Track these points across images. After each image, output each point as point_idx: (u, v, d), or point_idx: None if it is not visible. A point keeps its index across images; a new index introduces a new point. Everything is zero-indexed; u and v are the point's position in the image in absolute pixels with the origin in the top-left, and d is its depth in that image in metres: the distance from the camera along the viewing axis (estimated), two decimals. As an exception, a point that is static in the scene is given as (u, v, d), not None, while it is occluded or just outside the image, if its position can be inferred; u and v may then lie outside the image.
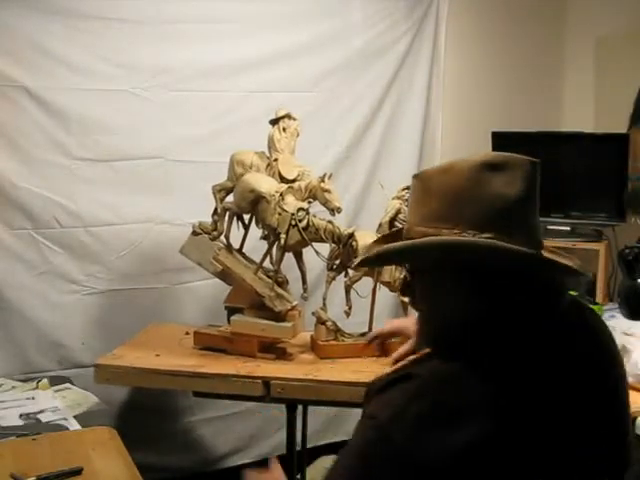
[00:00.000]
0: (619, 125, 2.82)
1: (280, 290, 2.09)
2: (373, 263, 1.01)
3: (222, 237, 2.14)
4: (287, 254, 2.05)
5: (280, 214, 1.98)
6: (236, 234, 2.17)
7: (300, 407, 2.15)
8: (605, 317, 2.27)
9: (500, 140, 2.90)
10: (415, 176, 1.08)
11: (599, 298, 2.72)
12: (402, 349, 1.83)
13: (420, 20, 2.97)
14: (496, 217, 1.00)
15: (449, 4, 3.01)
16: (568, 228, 2.88)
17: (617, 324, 2.03)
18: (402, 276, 1.90)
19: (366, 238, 1.98)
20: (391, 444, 0.96)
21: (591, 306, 1.27)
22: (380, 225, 2.02)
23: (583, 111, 3.26)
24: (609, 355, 1.14)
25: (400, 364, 1.27)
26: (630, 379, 1.88)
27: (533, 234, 1.04)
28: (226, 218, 2.12)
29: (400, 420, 0.96)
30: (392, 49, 2.93)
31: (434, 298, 1.08)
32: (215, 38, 2.62)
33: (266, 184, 2.02)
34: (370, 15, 2.88)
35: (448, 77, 3.07)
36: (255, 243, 2.18)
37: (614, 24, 3.13)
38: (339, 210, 2.00)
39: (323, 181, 2.00)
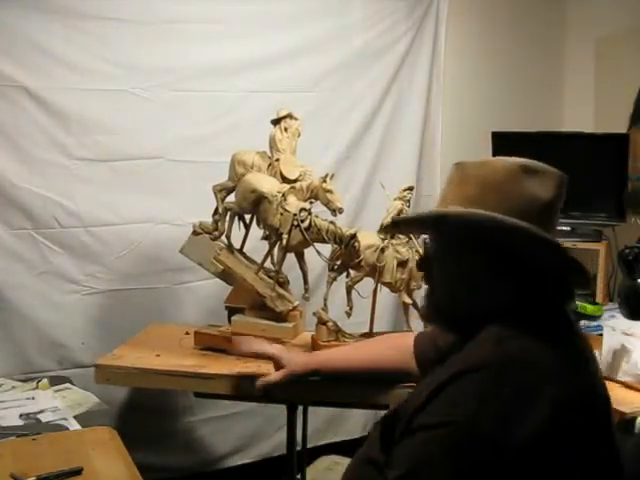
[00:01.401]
0: (619, 125, 2.82)
1: (281, 290, 2.09)
2: (415, 225, 1.16)
3: (223, 237, 2.14)
4: (288, 254, 2.05)
5: (282, 214, 1.97)
6: (237, 234, 2.17)
7: (300, 407, 2.15)
8: (605, 317, 2.27)
9: (500, 140, 2.90)
10: (457, 164, 1.17)
11: (599, 298, 2.72)
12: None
13: (420, 20, 2.98)
14: (525, 214, 1.07)
15: (449, 4, 3.01)
16: (568, 228, 2.87)
17: (617, 324, 2.03)
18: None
19: (368, 239, 1.97)
20: (480, 437, 0.97)
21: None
22: (382, 226, 2.01)
23: (583, 111, 3.26)
24: None
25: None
26: (630, 379, 1.89)
27: (553, 237, 1.10)
28: (227, 218, 2.12)
29: (486, 409, 0.98)
30: (392, 49, 2.93)
31: (461, 278, 1.12)
32: (215, 38, 2.62)
33: (268, 184, 2.02)
34: (370, 15, 2.88)
35: (448, 77, 3.07)
36: (256, 243, 2.17)
37: (614, 24, 3.13)
38: (341, 211, 1.99)
39: (325, 181, 1.99)
